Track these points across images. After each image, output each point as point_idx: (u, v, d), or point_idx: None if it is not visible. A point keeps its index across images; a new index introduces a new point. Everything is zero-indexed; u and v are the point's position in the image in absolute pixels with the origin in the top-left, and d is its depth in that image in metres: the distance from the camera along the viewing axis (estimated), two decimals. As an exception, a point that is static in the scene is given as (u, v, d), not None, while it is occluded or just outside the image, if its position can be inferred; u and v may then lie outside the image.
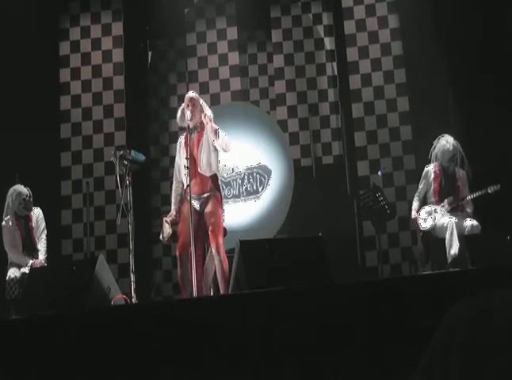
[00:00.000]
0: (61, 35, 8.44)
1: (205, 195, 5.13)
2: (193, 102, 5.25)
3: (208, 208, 5.10)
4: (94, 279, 4.21)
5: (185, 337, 3.06)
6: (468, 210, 6.01)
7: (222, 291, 4.95)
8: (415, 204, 6.23)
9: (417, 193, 6.28)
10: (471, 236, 5.61)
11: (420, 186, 6.28)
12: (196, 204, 5.09)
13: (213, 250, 5.03)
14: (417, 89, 7.67)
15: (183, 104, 5.33)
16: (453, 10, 7.42)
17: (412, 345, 1.97)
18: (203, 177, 5.16)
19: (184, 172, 5.10)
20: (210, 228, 5.06)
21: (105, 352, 3.06)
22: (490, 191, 5.86)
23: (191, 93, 5.37)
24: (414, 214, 6.21)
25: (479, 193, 5.92)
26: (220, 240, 5.08)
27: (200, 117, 5.26)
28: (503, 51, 7.08)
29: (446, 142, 6.12)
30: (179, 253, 5.12)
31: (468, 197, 6.00)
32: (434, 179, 6.15)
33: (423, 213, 6.09)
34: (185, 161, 5.04)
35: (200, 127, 5.27)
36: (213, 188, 5.18)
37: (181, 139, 5.35)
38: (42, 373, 3.05)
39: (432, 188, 6.15)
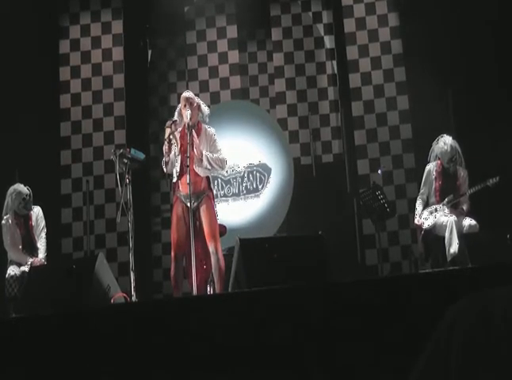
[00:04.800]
0: (61, 33, 8.43)
1: (199, 194, 5.14)
2: (190, 101, 5.25)
3: (203, 207, 5.12)
4: (94, 278, 4.21)
5: (185, 335, 3.06)
6: (464, 207, 5.99)
7: (218, 290, 4.97)
8: (419, 209, 6.15)
9: (420, 195, 6.20)
10: (471, 234, 5.61)
11: (422, 187, 6.23)
12: (188, 203, 5.07)
13: (210, 249, 5.04)
14: (417, 88, 7.66)
15: (179, 105, 5.34)
16: (453, 9, 7.42)
17: (412, 344, 1.97)
18: (198, 176, 5.16)
19: (177, 165, 5.12)
20: (207, 227, 5.07)
21: (104, 351, 3.06)
22: (489, 184, 5.85)
23: (186, 93, 5.37)
24: (417, 220, 6.14)
25: (479, 187, 5.91)
26: (217, 239, 5.11)
27: (198, 114, 5.28)
28: (504, 50, 7.08)
29: (444, 143, 6.09)
30: (174, 253, 5.13)
31: (468, 191, 5.99)
32: (436, 178, 6.14)
33: (425, 213, 6.08)
34: (179, 156, 5.07)
35: (197, 126, 5.28)
36: (207, 187, 5.21)
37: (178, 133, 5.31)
38: (41, 372, 3.05)
39: (433, 187, 6.13)
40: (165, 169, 5.29)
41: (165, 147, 5.16)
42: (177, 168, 5.14)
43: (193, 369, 2.96)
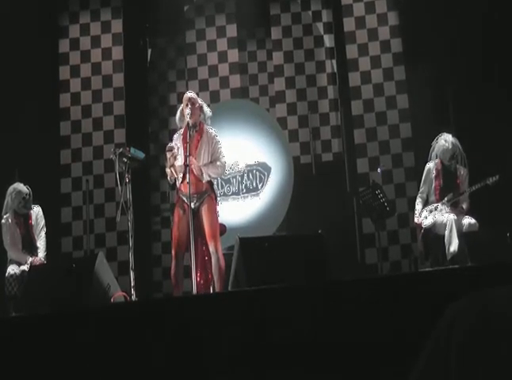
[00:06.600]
0: (60, 32, 8.43)
1: (202, 194, 5.15)
2: (192, 101, 5.27)
3: (204, 207, 5.13)
4: (94, 277, 4.21)
5: (185, 335, 3.06)
6: (464, 206, 6.00)
7: (218, 289, 4.99)
8: (419, 208, 6.16)
9: (419, 194, 6.21)
10: (471, 233, 5.61)
11: (422, 185, 6.23)
12: (191, 203, 5.08)
13: (210, 249, 5.06)
14: (416, 87, 7.66)
15: (181, 105, 5.34)
16: (453, 7, 7.41)
17: (412, 343, 1.97)
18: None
19: (179, 166, 5.14)
20: (207, 227, 5.08)
21: (104, 350, 3.06)
22: (489, 183, 5.85)
23: (189, 94, 5.38)
24: (417, 219, 6.13)
25: (479, 185, 5.91)
26: (218, 239, 5.12)
27: (200, 115, 5.28)
28: (504, 48, 7.08)
29: (445, 141, 6.10)
30: (175, 251, 5.14)
31: (468, 190, 5.99)
32: (436, 176, 6.14)
33: (425, 212, 6.07)
34: (182, 158, 5.09)
35: (199, 127, 5.28)
36: (209, 187, 5.22)
37: (179, 135, 5.35)
38: (41, 371, 3.05)
39: (433, 185, 6.14)
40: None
41: (168, 172, 5.20)
42: (181, 174, 5.15)
43: (193, 368, 2.96)
